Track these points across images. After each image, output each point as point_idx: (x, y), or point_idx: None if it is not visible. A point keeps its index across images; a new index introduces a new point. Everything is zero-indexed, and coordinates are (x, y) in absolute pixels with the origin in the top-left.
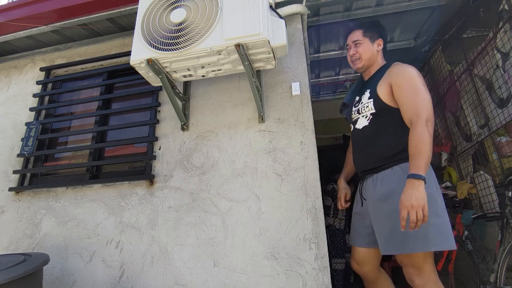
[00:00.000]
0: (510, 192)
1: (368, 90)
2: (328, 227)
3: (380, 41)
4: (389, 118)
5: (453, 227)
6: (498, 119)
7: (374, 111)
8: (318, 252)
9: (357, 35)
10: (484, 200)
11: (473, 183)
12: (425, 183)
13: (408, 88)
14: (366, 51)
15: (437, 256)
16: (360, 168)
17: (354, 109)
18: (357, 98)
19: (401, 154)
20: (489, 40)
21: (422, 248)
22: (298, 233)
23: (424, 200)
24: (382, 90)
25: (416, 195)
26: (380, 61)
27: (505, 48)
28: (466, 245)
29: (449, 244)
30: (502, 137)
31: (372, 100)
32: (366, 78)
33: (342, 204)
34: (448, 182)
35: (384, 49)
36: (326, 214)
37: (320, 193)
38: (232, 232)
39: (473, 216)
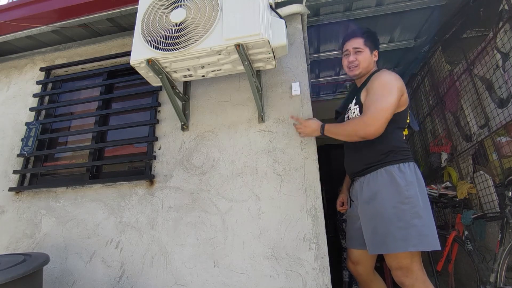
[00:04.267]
0: (510, 192)
1: (355, 97)
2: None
3: (376, 53)
4: None
5: (453, 227)
6: (498, 119)
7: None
8: (318, 252)
9: (358, 42)
10: (484, 200)
11: (473, 183)
12: (320, 134)
13: (373, 93)
14: (365, 59)
15: (437, 256)
16: (350, 171)
17: (346, 116)
18: (350, 105)
19: (386, 157)
20: (489, 40)
21: (401, 248)
22: (298, 233)
23: (305, 133)
24: (363, 97)
25: (307, 127)
26: (373, 70)
27: (505, 48)
28: (466, 245)
29: (431, 244)
30: (502, 137)
31: (357, 106)
32: (358, 85)
33: (338, 207)
34: (448, 182)
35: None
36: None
37: (320, 193)
38: (232, 232)
39: (473, 216)
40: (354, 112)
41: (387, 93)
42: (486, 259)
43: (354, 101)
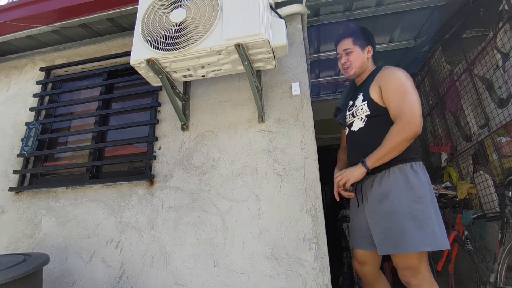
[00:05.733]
0: (510, 192)
1: (361, 94)
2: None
3: (369, 48)
4: (384, 119)
5: (453, 227)
6: (498, 119)
7: (369, 112)
8: (318, 252)
9: (347, 43)
10: (484, 200)
11: (473, 183)
12: (369, 170)
13: (395, 90)
14: (357, 58)
15: (437, 256)
16: None
17: (348, 113)
18: (351, 102)
19: (400, 155)
20: (489, 40)
21: (416, 248)
22: (298, 233)
23: (352, 177)
24: (374, 93)
25: (352, 171)
26: (370, 67)
27: (505, 48)
28: (466, 245)
29: (443, 244)
30: (502, 137)
31: (366, 102)
32: (358, 83)
33: (341, 191)
34: (448, 182)
35: (373, 55)
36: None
37: (320, 193)
38: (232, 232)
39: (473, 216)
40: (362, 109)
41: (410, 89)
42: (486, 259)
43: (360, 97)
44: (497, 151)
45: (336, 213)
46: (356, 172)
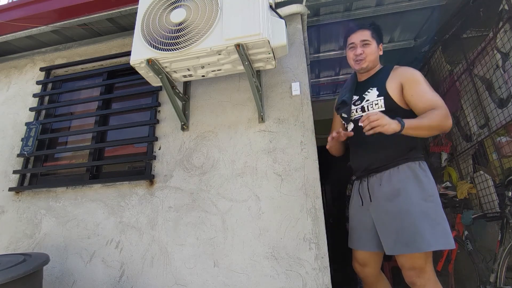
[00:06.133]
0: (510, 192)
1: (375, 88)
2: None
3: (381, 46)
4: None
5: (453, 227)
6: (498, 119)
7: (383, 109)
8: (318, 252)
9: (366, 35)
10: (484, 200)
11: (473, 183)
12: (400, 131)
13: (424, 87)
14: (372, 52)
15: (437, 256)
16: (363, 167)
17: (354, 107)
18: (356, 97)
19: (409, 153)
20: (489, 40)
21: (430, 247)
22: (298, 233)
23: (387, 126)
24: (392, 89)
25: (390, 122)
26: (378, 64)
27: (505, 48)
28: (466, 245)
29: (451, 243)
30: (502, 137)
31: (382, 98)
32: (362, 78)
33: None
34: (448, 182)
35: None
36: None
37: (320, 193)
38: (232, 232)
39: (473, 216)
40: (377, 104)
41: (431, 88)
42: (486, 259)
43: (374, 92)
44: (497, 151)
45: (336, 212)
46: (393, 125)
